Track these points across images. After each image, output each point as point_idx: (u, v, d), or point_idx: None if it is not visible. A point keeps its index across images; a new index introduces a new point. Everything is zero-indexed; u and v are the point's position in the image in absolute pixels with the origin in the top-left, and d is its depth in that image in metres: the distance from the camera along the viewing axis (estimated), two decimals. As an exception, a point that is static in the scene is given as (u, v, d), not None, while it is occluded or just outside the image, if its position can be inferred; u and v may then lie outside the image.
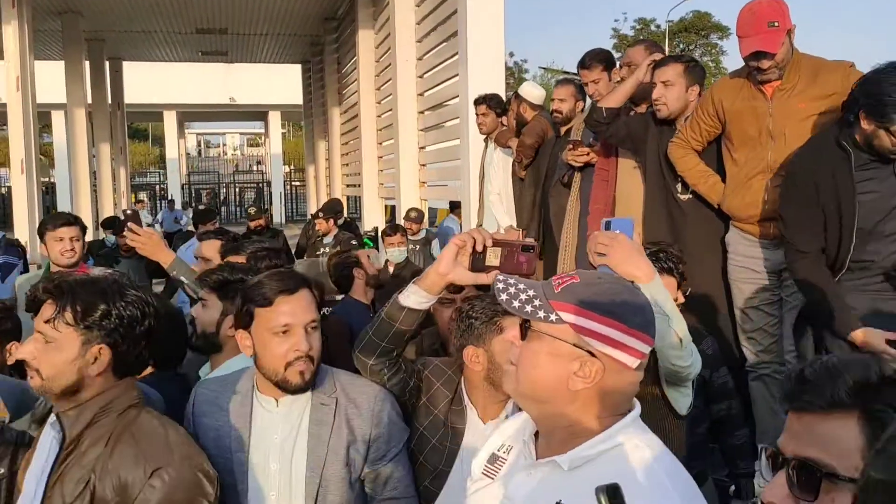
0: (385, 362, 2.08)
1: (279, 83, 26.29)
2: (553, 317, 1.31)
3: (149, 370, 2.34)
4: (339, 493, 2.01)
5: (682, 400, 2.40)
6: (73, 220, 4.20)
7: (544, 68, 38.25)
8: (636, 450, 1.29)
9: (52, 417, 1.70)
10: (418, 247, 7.91)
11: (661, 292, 2.14)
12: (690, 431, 2.52)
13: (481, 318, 2.11)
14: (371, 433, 2.06)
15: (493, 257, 1.86)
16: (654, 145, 3.92)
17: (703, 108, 3.66)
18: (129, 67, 18.95)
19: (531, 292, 1.34)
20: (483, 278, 1.87)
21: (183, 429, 1.78)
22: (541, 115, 5.41)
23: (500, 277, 1.38)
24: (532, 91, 5.57)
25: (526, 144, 5.22)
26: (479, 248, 1.87)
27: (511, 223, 5.74)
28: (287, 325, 1.96)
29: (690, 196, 3.80)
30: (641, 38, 31.62)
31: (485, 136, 6.08)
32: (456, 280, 1.91)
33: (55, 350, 1.66)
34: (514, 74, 33.76)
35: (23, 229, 9.67)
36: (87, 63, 14.81)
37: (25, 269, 6.83)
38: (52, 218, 4.23)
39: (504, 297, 1.35)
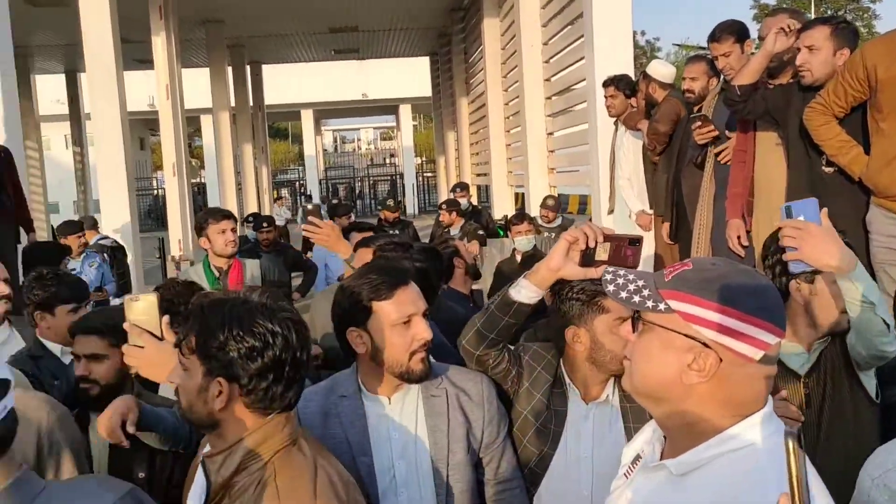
0: (492, 353, 2.11)
1: (409, 77, 26.76)
2: (662, 306, 1.23)
3: None
4: (464, 480, 2.03)
5: (870, 384, 2.29)
6: (230, 214, 4.55)
7: (678, 45, 36.81)
8: (756, 454, 1.17)
9: (205, 447, 1.60)
10: (554, 235, 7.80)
11: (865, 280, 2.02)
12: None
13: (581, 298, 2.09)
14: (485, 418, 2.08)
15: (603, 252, 1.88)
16: (798, 117, 3.67)
17: (851, 71, 3.36)
18: (268, 70, 19.85)
19: (640, 282, 1.27)
20: (592, 273, 1.87)
21: (340, 471, 1.57)
22: (671, 94, 5.21)
23: (609, 269, 1.33)
24: (660, 69, 5.37)
25: (659, 132, 5.03)
26: (592, 243, 1.87)
27: (643, 207, 5.58)
28: (410, 315, 1.97)
29: (835, 170, 3.54)
30: (784, 6, 29.85)
31: (614, 119, 5.93)
32: (566, 275, 1.91)
33: (187, 378, 1.51)
34: (647, 53, 32.72)
35: (176, 228, 10.35)
36: (229, 68, 15.62)
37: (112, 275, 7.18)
38: (211, 212, 4.51)
39: (612, 288, 1.29)
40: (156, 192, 34.15)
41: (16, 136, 5.70)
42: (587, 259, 1.88)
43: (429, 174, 34.75)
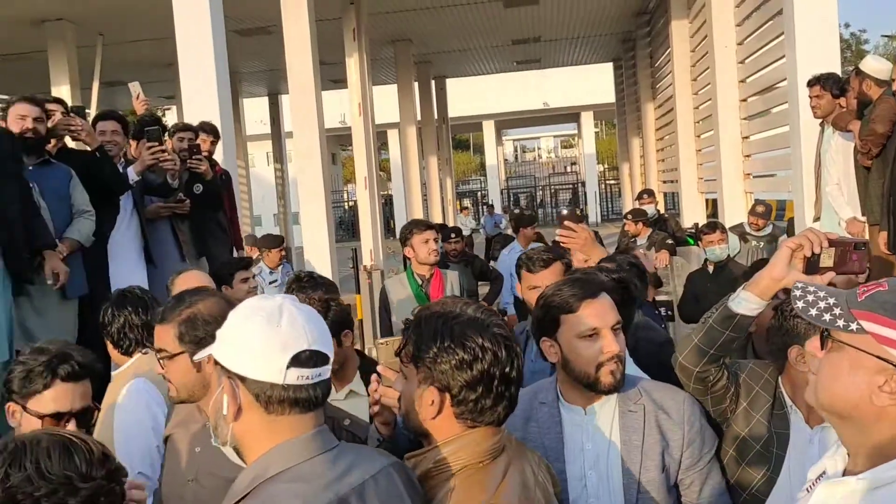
0: (711, 370, 2.03)
1: (591, 84, 26.47)
2: (854, 326, 1.22)
3: None
4: (657, 499, 1.99)
5: None
6: (433, 225, 4.78)
7: (888, 36, 33.77)
8: None
9: None
10: (762, 243, 7.37)
11: None
12: None
13: None
14: (685, 438, 2.02)
15: (828, 258, 1.78)
16: None
17: None
18: (451, 84, 20.36)
19: (831, 300, 1.26)
20: (818, 280, 1.76)
21: (523, 497, 1.56)
22: (886, 92, 4.78)
23: (799, 284, 1.32)
24: (874, 65, 4.96)
25: (877, 133, 4.63)
26: (817, 249, 1.77)
27: (854, 214, 5.16)
28: (594, 328, 1.98)
29: None
30: None
31: (820, 121, 5.54)
32: (791, 284, 1.81)
33: (406, 385, 1.59)
34: (851, 47, 30.30)
35: (367, 238, 10.83)
36: (416, 84, 16.18)
37: None
38: (415, 223, 4.74)
39: (801, 304, 1.29)
40: (346, 204, 35.98)
41: (231, 158, 6.20)
42: (812, 266, 1.78)
43: (611, 181, 34.19)
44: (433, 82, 18.25)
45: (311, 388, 1.39)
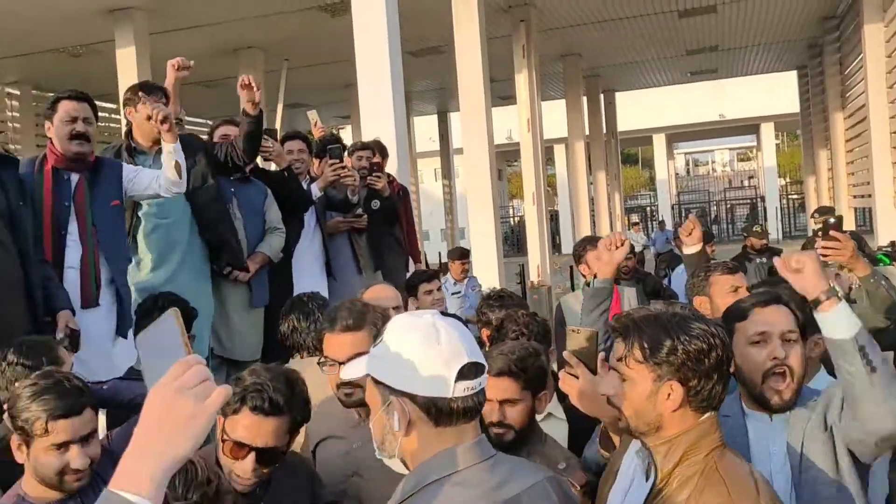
0: None
1: (771, 93, 25.13)
2: None
3: None
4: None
5: None
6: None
7: None
8: None
9: (637, 445, 1.73)
10: (975, 263, 6.64)
11: None
12: None
13: None
14: None
15: None
16: None
17: None
18: (620, 97, 19.99)
19: None
20: None
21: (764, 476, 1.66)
22: None
23: None
24: None
25: None
26: None
27: None
28: (763, 333, 1.97)
29: None
30: None
31: None
32: None
33: (631, 387, 1.65)
34: None
35: (534, 253, 10.82)
36: (584, 98, 16.02)
37: None
38: (589, 240, 4.78)
39: None
40: (511, 220, 36.15)
41: (405, 175, 6.40)
42: None
43: (794, 196, 32.22)
44: (602, 96, 18.00)
45: (474, 396, 1.48)
